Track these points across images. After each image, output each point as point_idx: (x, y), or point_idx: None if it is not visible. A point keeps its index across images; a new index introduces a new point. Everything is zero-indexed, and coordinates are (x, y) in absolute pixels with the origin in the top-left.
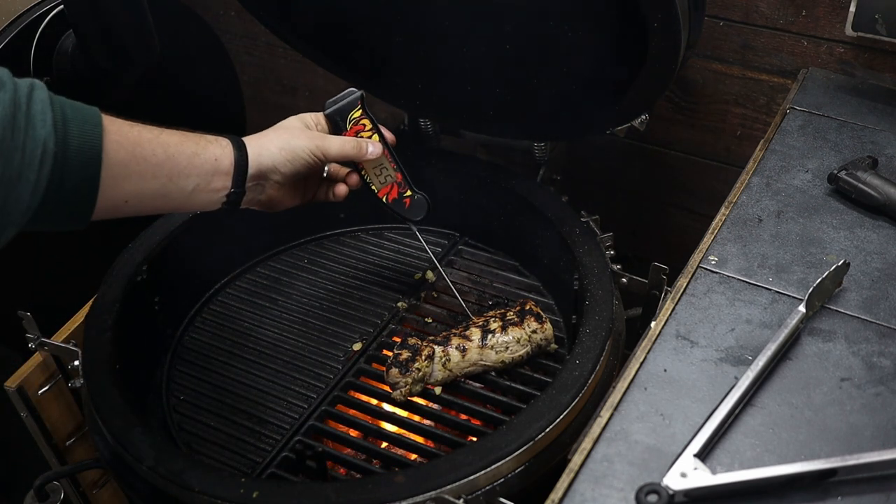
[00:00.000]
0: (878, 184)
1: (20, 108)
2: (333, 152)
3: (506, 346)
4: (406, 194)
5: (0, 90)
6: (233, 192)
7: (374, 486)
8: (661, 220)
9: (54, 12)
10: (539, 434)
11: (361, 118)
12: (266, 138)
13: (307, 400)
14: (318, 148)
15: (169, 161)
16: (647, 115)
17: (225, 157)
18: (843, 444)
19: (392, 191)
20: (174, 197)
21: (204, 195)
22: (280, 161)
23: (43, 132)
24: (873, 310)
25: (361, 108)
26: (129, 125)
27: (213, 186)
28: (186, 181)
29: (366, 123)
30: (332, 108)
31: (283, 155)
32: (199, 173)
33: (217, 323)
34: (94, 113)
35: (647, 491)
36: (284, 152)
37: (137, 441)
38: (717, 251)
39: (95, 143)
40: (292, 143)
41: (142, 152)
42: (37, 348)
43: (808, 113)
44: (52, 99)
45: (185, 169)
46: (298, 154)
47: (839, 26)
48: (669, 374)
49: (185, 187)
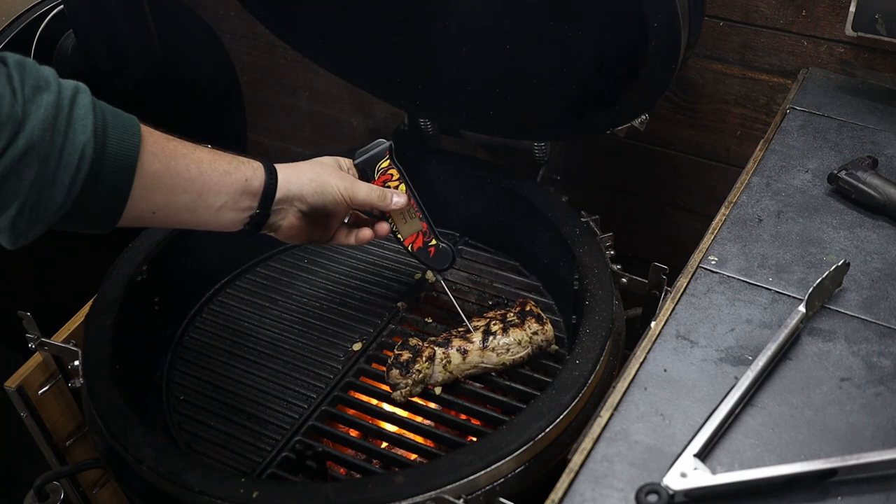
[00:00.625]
0: (878, 184)
1: (62, 111)
2: (360, 197)
3: (507, 347)
4: (431, 243)
5: (45, 91)
6: (257, 214)
7: (374, 486)
8: (661, 220)
9: (54, 12)
10: (539, 434)
11: (389, 168)
12: (299, 168)
13: (307, 400)
14: (346, 189)
15: (201, 177)
16: (647, 115)
17: (255, 178)
18: (843, 444)
19: (417, 239)
20: (201, 213)
21: (230, 214)
22: (308, 191)
23: (83, 137)
24: (873, 310)
25: (389, 158)
26: (165, 138)
27: (240, 206)
28: (215, 198)
29: (393, 173)
30: (362, 157)
31: (312, 186)
32: (229, 191)
33: (217, 323)
34: (133, 122)
35: (647, 491)
36: (314, 184)
37: (137, 441)
38: (717, 251)
39: (132, 153)
40: (323, 177)
41: (175, 166)
42: (37, 348)
43: (808, 113)
44: (95, 104)
45: (215, 186)
46: (328, 189)
47: (839, 26)
48: (669, 374)
49: (213, 204)
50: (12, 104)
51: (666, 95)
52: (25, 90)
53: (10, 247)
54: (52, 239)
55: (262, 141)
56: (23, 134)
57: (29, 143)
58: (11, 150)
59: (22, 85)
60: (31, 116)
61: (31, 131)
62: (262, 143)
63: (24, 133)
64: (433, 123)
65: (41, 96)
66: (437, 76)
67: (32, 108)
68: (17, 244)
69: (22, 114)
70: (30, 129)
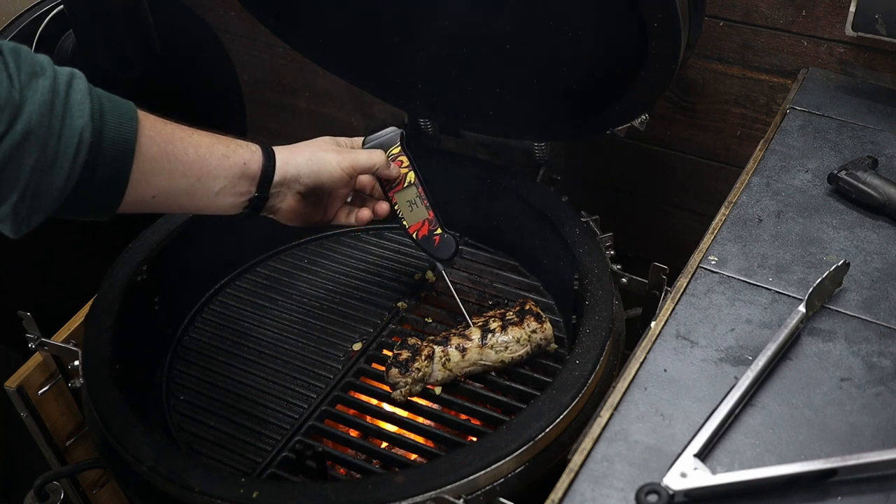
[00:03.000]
0: (878, 184)
1: (59, 96)
2: (362, 163)
3: (505, 345)
4: (436, 232)
5: (40, 77)
6: (256, 197)
7: (374, 486)
8: (661, 220)
9: (54, 12)
10: (539, 434)
11: (400, 155)
12: (296, 149)
13: (307, 400)
14: (345, 161)
15: (200, 161)
16: (647, 115)
17: (254, 161)
18: (843, 444)
19: (423, 228)
20: (200, 197)
21: (229, 198)
22: (305, 171)
23: (80, 122)
24: (873, 310)
25: (400, 146)
26: (162, 122)
27: (239, 190)
28: (214, 182)
29: (403, 160)
30: (373, 142)
31: (309, 165)
32: (227, 175)
33: (217, 323)
34: (129, 107)
35: (647, 491)
36: (311, 163)
37: (137, 441)
38: (717, 251)
39: (130, 137)
40: (319, 155)
41: (174, 150)
42: (37, 348)
43: (808, 113)
44: (91, 89)
45: (214, 170)
46: (325, 167)
47: (839, 26)
48: (669, 374)
49: (212, 188)
50: (9, 90)
51: (666, 95)
52: (21, 76)
53: (13, 235)
54: (53, 239)
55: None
56: (21, 119)
57: (27, 128)
58: (10, 135)
59: (18, 71)
60: (28, 101)
61: (28, 116)
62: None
63: (23, 118)
64: (433, 123)
65: (37, 82)
66: (437, 76)
67: (29, 93)
68: (20, 233)
69: (19, 99)
70: (27, 114)
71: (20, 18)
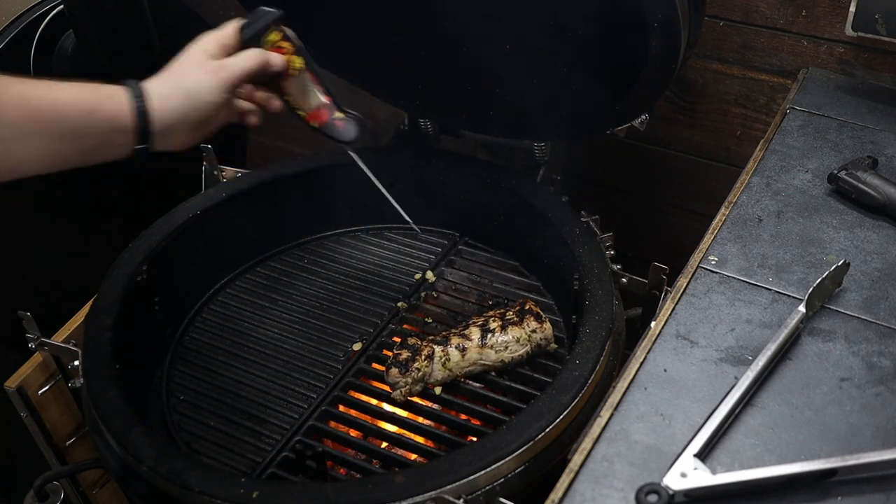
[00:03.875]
0: (878, 184)
1: None
2: (237, 75)
3: (505, 345)
4: (336, 116)
5: None
6: (139, 149)
7: (374, 486)
8: (661, 220)
9: (54, 12)
10: (539, 434)
11: (280, 41)
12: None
13: (307, 400)
14: (221, 81)
15: (62, 120)
16: (647, 115)
17: (122, 114)
18: (843, 444)
19: (321, 114)
20: (72, 155)
21: (107, 151)
22: (186, 111)
23: None
24: (873, 310)
25: (279, 31)
26: (18, 80)
27: (115, 143)
28: (83, 141)
29: (285, 45)
30: (247, 33)
31: (188, 104)
32: (97, 132)
33: (217, 323)
34: None
35: (647, 491)
36: (190, 100)
37: (137, 441)
38: (717, 251)
39: None
40: (196, 89)
41: (30, 112)
42: (37, 348)
43: (808, 113)
44: None
45: (79, 129)
46: (203, 99)
47: (839, 26)
48: (669, 374)
49: (83, 147)
50: None
51: (666, 95)
52: None
53: None
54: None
55: (263, 141)
56: None
57: None
58: None
59: None
60: None
61: None
62: (263, 143)
63: None
64: (433, 123)
65: None
66: (437, 77)
67: None
68: None
69: None
70: None
71: (20, 18)
